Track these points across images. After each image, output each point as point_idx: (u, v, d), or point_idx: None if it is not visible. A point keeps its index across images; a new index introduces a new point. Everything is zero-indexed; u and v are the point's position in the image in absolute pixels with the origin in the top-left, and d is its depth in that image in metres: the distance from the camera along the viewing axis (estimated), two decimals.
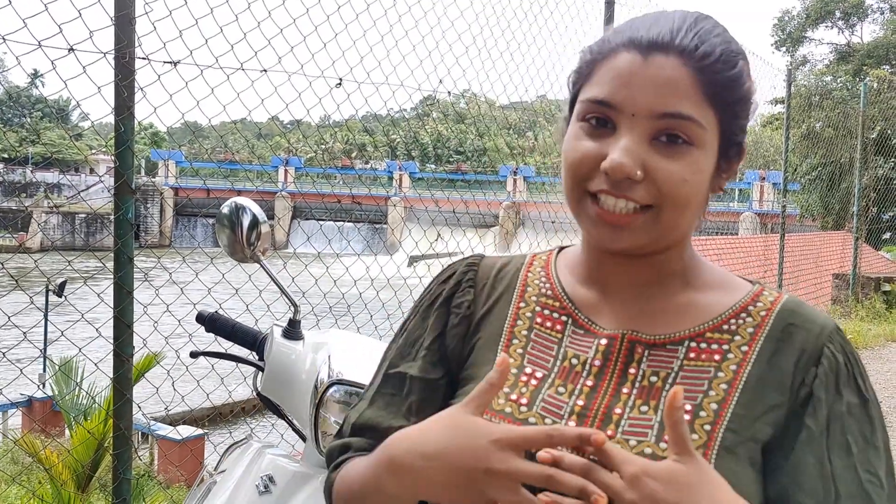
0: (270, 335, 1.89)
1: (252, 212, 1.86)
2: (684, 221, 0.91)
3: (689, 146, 0.86)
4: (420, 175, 41.30)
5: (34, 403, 9.05)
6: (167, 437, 7.34)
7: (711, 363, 0.90)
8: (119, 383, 2.96)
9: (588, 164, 0.88)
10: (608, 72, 0.89)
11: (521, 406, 0.92)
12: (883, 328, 9.77)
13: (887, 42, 37.86)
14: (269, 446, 1.87)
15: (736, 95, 0.89)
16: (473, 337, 1.02)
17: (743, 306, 0.94)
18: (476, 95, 7.02)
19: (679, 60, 0.86)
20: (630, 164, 0.85)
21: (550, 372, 0.95)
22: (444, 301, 1.05)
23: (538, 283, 1.04)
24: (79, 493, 4.61)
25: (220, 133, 6.21)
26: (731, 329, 0.92)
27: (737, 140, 0.92)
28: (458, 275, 1.07)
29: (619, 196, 0.86)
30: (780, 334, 0.91)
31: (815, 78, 27.19)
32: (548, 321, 1.00)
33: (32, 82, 45.84)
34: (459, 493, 0.77)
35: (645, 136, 0.86)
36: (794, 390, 0.88)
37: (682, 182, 0.86)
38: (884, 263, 14.63)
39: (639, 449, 0.85)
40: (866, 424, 0.88)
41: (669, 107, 0.85)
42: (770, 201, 35.40)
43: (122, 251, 2.90)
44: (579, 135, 0.90)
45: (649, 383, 0.90)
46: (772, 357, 0.90)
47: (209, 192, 19.44)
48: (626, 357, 0.93)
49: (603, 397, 0.91)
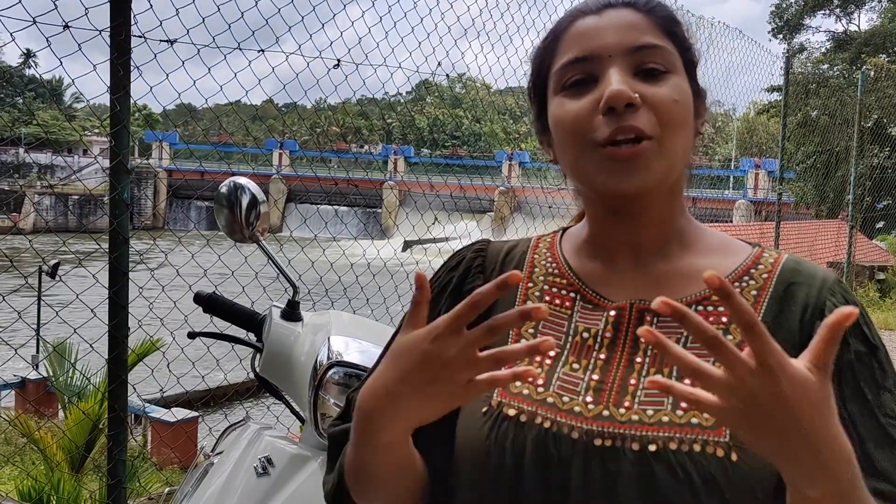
0: (269, 316, 1.88)
1: (251, 191, 1.84)
2: (682, 150, 0.93)
3: (666, 73, 0.92)
4: (416, 160, 41.17)
5: (28, 384, 9.03)
6: (161, 419, 7.33)
7: (720, 326, 0.91)
8: (114, 365, 2.95)
9: (586, 118, 0.91)
10: (570, 38, 0.95)
11: (539, 387, 0.93)
12: (877, 316, 9.80)
13: (884, 30, 37.77)
14: (266, 428, 1.86)
15: (682, 32, 0.97)
16: (484, 321, 1.01)
17: (745, 269, 0.96)
18: (473, 80, 6.99)
19: (629, 9, 0.94)
20: (626, 89, 0.88)
21: (563, 349, 0.96)
22: (455, 288, 1.06)
23: (544, 263, 1.05)
24: (73, 473, 4.61)
25: (216, 114, 6.19)
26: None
27: (695, 78, 0.98)
28: (466, 261, 1.08)
29: (628, 128, 0.88)
30: (784, 294, 0.93)
31: (812, 65, 27.17)
32: (556, 299, 1.01)
33: (26, 62, 45.57)
34: (436, 400, 0.79)
35: (627, 71, 0.91)
36: (802, 345, 0.85)
37: (674, 103, 0.90)
38: (878, 252, 14.66)
39: (656, 418, 0.86)
40: (878, 370, 0.89)
41: (638, 40, 0.92)
42: (765, 189, 35.42)
43: (117, 232, 2.88)
44: (564, 102, 0.93)
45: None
46: (777, 317, 0.91)
47: (203, 175, 19.37)
48: (636, 326, 0.93)
49: (617, 369, 0.92)
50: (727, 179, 39.04)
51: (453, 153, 46.98)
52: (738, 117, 32.64)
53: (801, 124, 17.29)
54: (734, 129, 37.46)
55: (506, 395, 0.93)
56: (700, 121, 0.98)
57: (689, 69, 0.96)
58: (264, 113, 48.09)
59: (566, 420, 0.89)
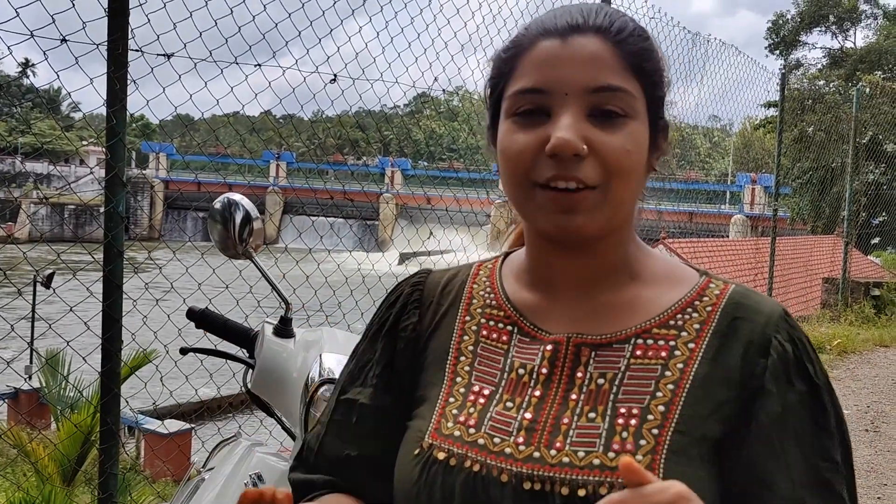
0: (261, 332, 1.88)
1: (245, 208, 1.84)
2: (629, 197, 0.90)
3: (624, 118, 0.87)
4: (412, 172, 41.26)
5: (20, 395, 8.98)
6: (154, 431, 7.30)
7: (658, 360, 0.89)
8: (107, 378, 2.94)
9: (530, 155, 0.87)
10: (530, 62, 0.89)
11: (470, 428, 0.90)
12: (872, 333, 9.80)
13: (880, 48, 38.02)
14: (257, 444, 1.86)
15: (653, 65, 0.91)
16: (421, 357, 1.01)
17: (689, 301, 0.93)
18: (470, 93, 7.01)
19: (597, 37, 0.88)
20: (575, 139, 0.84)
21: (498, 387, 0.93)
22: (391, 326, 1.03)
23: (483, 293, 1.02)
24: (64, 486, 4.58)
25: (212, 127, 6.19)
26: (678, 325, 0.91)
27: (661, 114, 0.93)
28: (403, 297, 1.05)
29: (570, 177, 0.85)
30: (726, 329, 0.90)
31: (808, 82, 27.31)
32: (493, 332, 0.97)
33: (23, 72, 45.63)
34: None
35: (581, 113, 0.86)
36: (742, 384, 0.87)
37: (625, 154, 0.86)
38: (873, 268, 14.70)
39: (587, 460, 0.84)
40: (818, 411, 0.87)
41: (599, 80, 0.86)
42: (761, 204, 35.52)
43: (111, 245, 2.88)
44: (513, 130, 0.89)
45: (596, 386, 0.89)
46: (717, 353, 0.88)
47: (199, 186, 19.34)
48: (572, 361, 0.91)
49: (551, 407, 0.89)
50: (724, 194, 39.12)
51: (450, 166, 47.03)
52: (735, 132, 32.75)
53: (797, 140, 17.38)
54: (731, 145, 37.60)
55: (437, 437, 0.91)
56: (656, 156, 0.94)
57: (654, 106, 0.91)
58: (261, 125, 48.09)
59: (496, 462, 0.87)
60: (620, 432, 0.85)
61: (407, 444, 0.94)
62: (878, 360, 8.76)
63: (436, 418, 0.94)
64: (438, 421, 0.93)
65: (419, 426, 0.95)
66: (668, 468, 0.82)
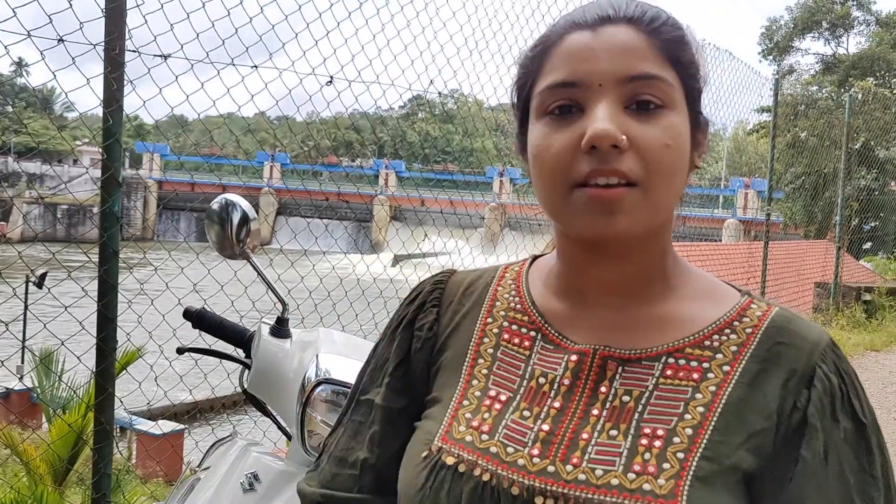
0: (258, 333, 1.88)
1: (242, 208, 1.85)
2: (671, 197, 0.84)
3: (662, 109, 0.82)
4: (407, 174, 41.23)
5: (12, 395, 8.95)
6: (147, 431, 7.29)
7: (689, 382, 0.83)
8: (101, 377, 2.94)
9: (567, 155, 0.81)
10: (559, 56, 0.84)
11: (483, 434, 0.86)
12: (862, 337, 9.86)
13: (872, 54, 38.15)
14: (253, 444, 1.86)
15: (689, 56, 0.86)
16: (439, 358, 0.97)
17: (727, 321, 0.87)
18: (465, 96, 7.03)
19: (629, 27, 0.83)
20: (613, 128, 0.78)
21: (516, 394, 0.89)
22: (408, 324, 1.00)
23: (508, 297, 0.98)
24: (56, 486, 4.57)
25: (207, 127, 6.17)
26: (714, 346, 0.85)
27: (698, 108, 0.88)
28: (423, 295, 1.02)
29: (610, 171, 0.79)
30: (767, 353, 0.84)
31: (801, 87, 27.41)
32: (515, 337, 0.93)
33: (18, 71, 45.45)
34: None
35: (617, 104, 0.81)
36: (783, 415, 0.81)
37: (665, 148, 0.81)
38: (864, 273, 14.75)
39: (605, 479, 0.79)
40: (862, 452, 0.81)
41: (634, 69, 0.81)
42: (754, 209, 35.61)
43: (107, 244, 2.88)
44: (545, 130, 0.83)
45: (621, 403, 0.84)
46: (755, 378, 0.83)
47: (193, 186, 19.29)
48: (597, 374, 0.86)
49: (570, 421, 0.85)
50: (717, 198, 39.23)
51: (444, 168, 47.02)
52: (728, 137, 32.86)
53: (791, 145, 17.45)
54: (724, 149, 37.71)
55: (447, 441, 0.88)
56: (699, 152, 0.89)
57: (691, 99, 0.86)
58: (256, 126, 47.97)
59: (507, 473, 0.83)
60: (643, 453, 0.80)
61: (414, 446, 0.90)
62: (868, 364, 8.81)
63: (447, 421, 0.90)
64: (450, 424, 0.89)
65: (429, 428, 0.91)
66: (692, 495, 0.77)
